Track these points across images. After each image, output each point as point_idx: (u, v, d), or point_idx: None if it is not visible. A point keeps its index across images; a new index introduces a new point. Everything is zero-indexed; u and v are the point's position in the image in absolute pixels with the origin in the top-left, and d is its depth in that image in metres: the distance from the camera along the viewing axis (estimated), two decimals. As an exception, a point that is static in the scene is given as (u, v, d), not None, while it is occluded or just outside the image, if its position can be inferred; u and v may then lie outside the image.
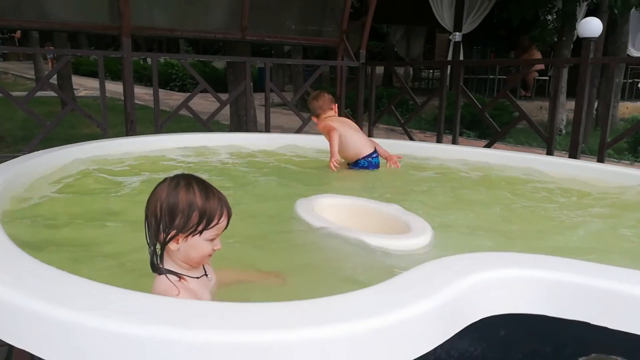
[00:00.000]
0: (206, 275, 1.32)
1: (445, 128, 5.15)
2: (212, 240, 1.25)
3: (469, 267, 1.28)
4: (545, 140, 4.23)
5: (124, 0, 4.30)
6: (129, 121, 4.61)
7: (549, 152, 4.12)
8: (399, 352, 1.05)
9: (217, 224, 1.24)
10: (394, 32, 15.49)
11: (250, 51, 6.14)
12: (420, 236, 1.86)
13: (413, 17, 12.34)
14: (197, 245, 1.24)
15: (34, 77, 12.73)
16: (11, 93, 4.26)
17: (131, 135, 4.63)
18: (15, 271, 1.14)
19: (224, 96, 5.06)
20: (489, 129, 5.36)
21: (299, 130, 5.36)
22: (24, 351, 1.74)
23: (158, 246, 1.24)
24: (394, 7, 10.35)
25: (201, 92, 4.81)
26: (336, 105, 3.58)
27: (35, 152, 2.88)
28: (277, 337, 0.94)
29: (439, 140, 4.95)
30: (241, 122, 6.58)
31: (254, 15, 5.09)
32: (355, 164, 3.40)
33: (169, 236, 1.21)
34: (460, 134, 8.49)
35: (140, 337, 0.91)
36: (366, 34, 5.43)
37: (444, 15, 9.06)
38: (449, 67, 5.18)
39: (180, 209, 1.20)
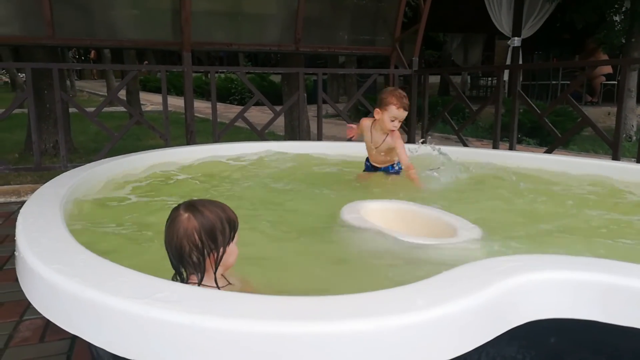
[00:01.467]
0: (229, 283, 1.39)
1: (502, 136, 4.99)
2: (235, 243, 1.36)
3: (515, 268, 1.24)
4: (610, 145, 3.99)
5: (185, 18, 4.54)
6: (189, 132, 4.83)
7: (615, 158, 3.88)
8: (439, 348, 1.04)
9: (238, 224, 1.35)
10: (451, 41, 15.23)
11: (304, 63, 6.26)
12: (469, 239, 1.82)
13: (470, 25, 12.08)
14: (231, 251, 1.34)
15: (106, 94, 13.62)
16: (84, 108, 4.60)
17: (191, 143, 4.85)
18: (72, 262, 1.22)
19: (279, 109, 5.19)
20: (550, 136, 5.14)
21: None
22: (83, 341, 1.86)
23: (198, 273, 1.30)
24: (451, 15, 10.22)
25: (258, 105, 4.96)
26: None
27: (102, 160, 3.09)
28: (321, 328, 0.95)
29: (495, 148, 4.80)
30: (295, 132, 6.69)
31: (307, 27, 5.21)
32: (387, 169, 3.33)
33: (219, 255, 1.30)
34: (520, 142, 8.18)
35: (180, 324, 0.95)
36: (419, 42, 5.39)
37: (502, 21, 8.82)
38: (506, 71, 5.04)
39: (217, 227, 1.29)
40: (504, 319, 1.18)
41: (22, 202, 4.27)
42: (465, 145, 5.14)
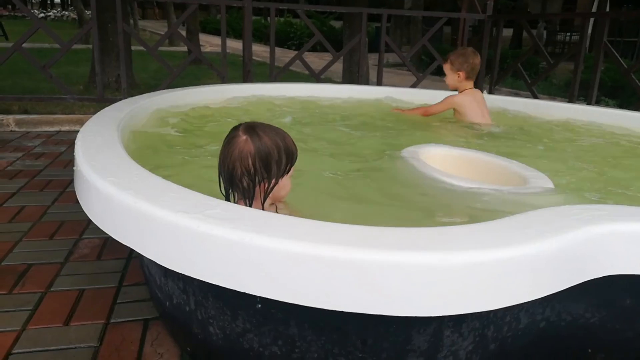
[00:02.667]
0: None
1: (579, 94, 4.59)
2: (290, 174, 1.28)
3: (598, 217, 1.10)
4: None
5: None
6: (246, 71, 4.77)
7: None
8: (508, 290, 0.94)
9: (296, 156, 1.27)
10: (527, -10, 14.13)
11: (367, 4, 5.96)
12: (542, 188, 1.67)
13: (551, -29, 11.07)
14: (284, 184, 1.27)
15: (167, 34, 13.74)
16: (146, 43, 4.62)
17: (247, 82, 4.80)
18: (126, 176, 1.20)
19: (339, 52, 5.00)
20: (634, 96, 4.69)
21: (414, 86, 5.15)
22: (137, 261, 1.89)
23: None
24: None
25: (316, 51, 4.81)
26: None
27: (161, 91, 3.10)
28: (386, 257, 0.88)
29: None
30: (353, 79, 6.49)
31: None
32: None
33: (270, 185, 1.23)
34: (598, 102, 7.57)
35: (230, 240, 0.91)
36: (494, -17, 4.97)
37: (589, -34, 7.99)
38: (590, 24, 4.57)
39: (272, 156, 1.21)
40: (580, 269, 1.06)
41: (86, 131, 4.41)
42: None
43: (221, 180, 1.26)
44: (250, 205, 1.24)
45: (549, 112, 3.42)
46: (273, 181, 1.23)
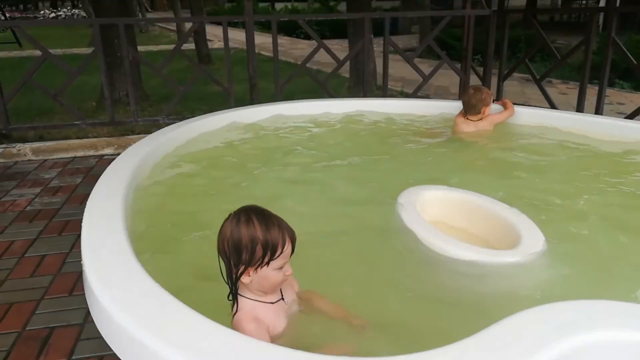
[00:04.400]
0: (283, 299, 1.35)
1: (592, 77, 4.47)
2: (281, 268, 1.27)
3: (577, 322, 1.13)
4: None
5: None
6: (251, 84, 4.81)
7: None
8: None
9: (281, 252, 1.24)
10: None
11: (371, 3, 5.88)
12: (530, 255, 1.69)
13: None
14: (267, 275, 1.26)
15: (175, 28, 13.77)
16: (156, 46, 4.68)
17: (253, 96, 4.85)
18: (128, 289, 1.27)
19: (344, 57, 4.98)
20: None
21: (419, 88, 5.13)
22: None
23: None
24: None
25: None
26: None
27: (165, 130, 3.17)
28: None
29: (581, 92, 4.29)
30: (359, 76, 6.47)
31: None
32: None
33: (239, 272, 1.25)
34: (612, 85, 7.36)
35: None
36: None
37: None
38: None
39: (244, 244, 1.22)
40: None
41: (99, 156, 4.53)
42: (546, 97, 4.72)
43: None
44: (236, 283, 1.28)
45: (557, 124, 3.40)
46: (241, 268, 1.24)
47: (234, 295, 1.30)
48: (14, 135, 4.60)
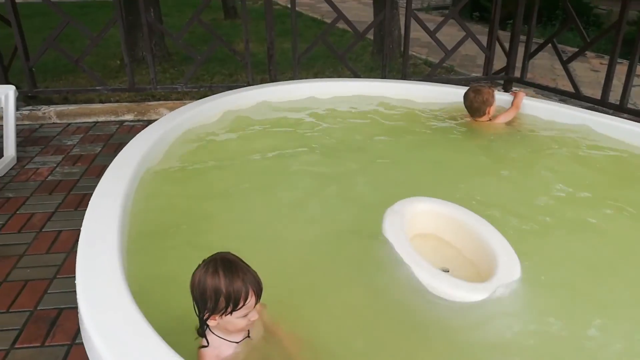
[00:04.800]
0: (249, 336, 1.45)
1: (623, 52, 4.22)
2: (245, 315, 1.35)
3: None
4: None
5: None
6: (269, 55, 4.78)
7: None
8: None
9: (243, 305, 1.31)
10: None
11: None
12: (503, 285, 1.74)
13: None
14: (230, 321, 1.35)
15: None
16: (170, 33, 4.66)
17: (270, 67, 4.83)
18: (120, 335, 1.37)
19: (365, 27, 4.86)
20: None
21: (441, 63, 4.99)
22: None
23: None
24: None
25: None
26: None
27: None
28: None
29: (611, 67, 4.09)
30: (384, 42, 6.30)
31: None
32: None
33: (205, 317, 1.35)
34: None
35: None
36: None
37: None
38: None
39: (208, 295, 1.30)
40: None
41: (120, 122, 4.66)
42: (571, 81, 4.54)
43: None
44: (203, 325, 1.37)
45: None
46: (206, 314, 1.33)
47: (201, 333, 1.41)
48: (40, 96, 4.77)
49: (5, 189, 3.35)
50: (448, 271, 1.98)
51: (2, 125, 3.86)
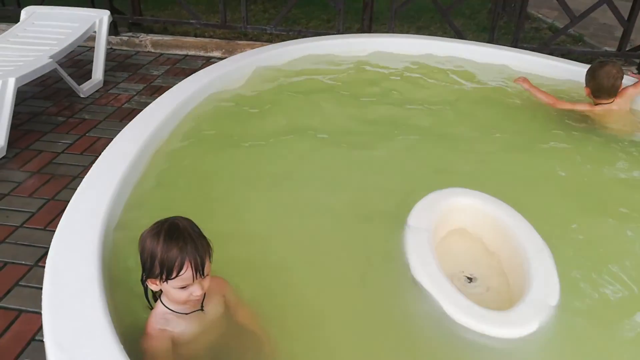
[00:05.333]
0: (202, 309, 1.32)
1: None
2: (183, 287, 1.22)
3: None
4: None
5: None
6: (365, 3, 4.44)
7: None
8: None
9: (177, 275, 1.19)
10: None
11: None
12: (534, 314, 1.41)
13: None
14: (168, 290, 1.24)
15: None
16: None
17: (364, 17, 4.50)
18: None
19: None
20: None
21: (565, 29, 4.24)
22: None
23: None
24: None
25: None
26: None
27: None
28: None
29: None
30: None
31: None
32: None
33: (142, 277, 1.26)
34: None
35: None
36: None
37: None
38: None
39: (145, 256, 1.22)
40: None
41: (207, 58, 4.69)
42: None
43: None
44: (144, 285, 1.28)
45: None
46: (143, 275, 1.25)
47: (146, 295, 1.32)
48: (143, 24, 4.93)
49: (84, 110, 3.54)
50: (471, 280, 1.69)
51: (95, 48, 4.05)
